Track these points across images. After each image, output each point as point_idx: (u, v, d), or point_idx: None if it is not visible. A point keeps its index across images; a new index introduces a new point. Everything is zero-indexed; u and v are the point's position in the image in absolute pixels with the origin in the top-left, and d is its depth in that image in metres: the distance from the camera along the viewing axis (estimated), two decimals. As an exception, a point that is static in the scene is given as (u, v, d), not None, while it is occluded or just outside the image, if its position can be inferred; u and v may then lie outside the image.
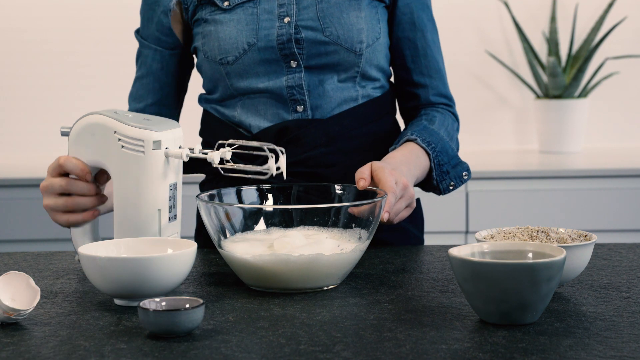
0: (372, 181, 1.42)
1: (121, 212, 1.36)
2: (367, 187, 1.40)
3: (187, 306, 1.10)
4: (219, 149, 1.39)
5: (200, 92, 1.73)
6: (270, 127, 1.62)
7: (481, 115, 3.26)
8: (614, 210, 2.73)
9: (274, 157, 1.38)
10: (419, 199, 1.74)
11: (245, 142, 1.40)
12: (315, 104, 1.63)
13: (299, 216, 1.36)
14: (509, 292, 1.08)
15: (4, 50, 3.19)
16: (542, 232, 1.30)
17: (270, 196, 1.45)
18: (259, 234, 1.35)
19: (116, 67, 3.18)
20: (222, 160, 1.49)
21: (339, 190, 1.45)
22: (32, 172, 2.77)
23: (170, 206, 1.37)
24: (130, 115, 1.37)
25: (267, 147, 1.38)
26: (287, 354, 1.02)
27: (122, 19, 3.11)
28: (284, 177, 1.39)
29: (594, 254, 1.48)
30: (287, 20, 1.61)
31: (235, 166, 1.41)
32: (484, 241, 1.25)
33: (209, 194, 1.39)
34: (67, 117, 2.91)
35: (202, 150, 1.38)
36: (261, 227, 1.36)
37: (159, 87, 1.70)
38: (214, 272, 1.42)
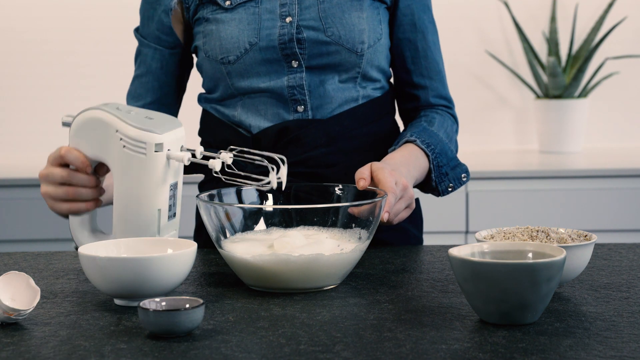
0: (372, 181, 1.42)
1: (121, 209, 1.36)
2: (367, 187, 1.40)
3: (187, 306, 1.10)
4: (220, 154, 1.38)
5: (199, 92, 1.73)
6: (270, 127, 1.62)
7: (481, 115, 3.26)
8: (614, 210, 2.73)
9: (275, 169, 1.38)
10: (418, 199, 1.74)
11: (247, 151, 1.40)
12: (315, 104, 1.63)
13: (299, 216, 1.36)
14: (509, 292, 1.08)
15: (4, 50, 3.19)
16: (542, 232, 1.30)
17: (270, 196, 1.45)
18: (259, 234, 1.35)
19: (116, 67, 3.18)
20: (223, 166, 1.48)
21: (339, 190, 1.45)
22: (32, 172, 2.77)
23: (170, 205, 1.37)
24: (133, 112, 1.36)
25: (269, 157, 1.37)
26: (287, 354, 1.02)
27: (122, 19, 3.11)
28: (283, 187, 1.39)
29: (594, 254, 1.48)
30: (288, 20, 1.61)
31: (235, 178, 1.40)
32: (484, 241, 1.25)
33: (208, 194, 1.38)
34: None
35: (204, 152, 1.38)
36: (261, 227, 1.36)
37: (158, 87, 1.70)
38: (214, 272, 1.42)
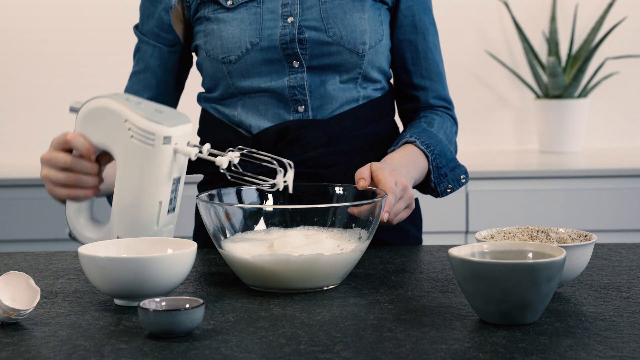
0: (372, 181, 1.42)
1: (121, 199, 1.34)
2: (367, 187, 1.40)
3: (187, 306, 1.10)
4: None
5: (198, 92, 1.72)
6: (270, 127, 1.62)
7: (481, 115, 3.26)
8: (614, 210, 2.73)
9: (282, 171, 1.37)
10: (417, 199, 1.74)
11: (256, 152, 1.39)
12: (316, 104, 1.62)
13: (299, 216, 1.36)
14: (509, 292, 1.08)
15: (4, 50, 3.19)
16: (542, 232, 1.30)
17: (270, 196, 1.45)
18: (259, 234, 1.35)
19: (116, 67, 3.17)
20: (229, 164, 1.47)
21: (339, 190, 1.45)
22: (32, 172, 2.77)
23: (171, 199, 1.36)
24: (142, 104, 1.34)
25: (277, 160, 1.37)
26: (287, 354, 1.02)
27: (122, 19, 3.11)
28: (290, 190, 1.38)
29: (594, 254, 1.48)
30: (290, 20, 1.60)
31: (242, 176, 1.40)
32: (484, 241, 1.25)
33: (208, 194, 1.38)
34: (68, 117, 2.91)
35: (211, 150, 1.37)
36: (261, 227, 1.36)
37: (156, 84, 1.69)
38: (214, 272, 1.42)
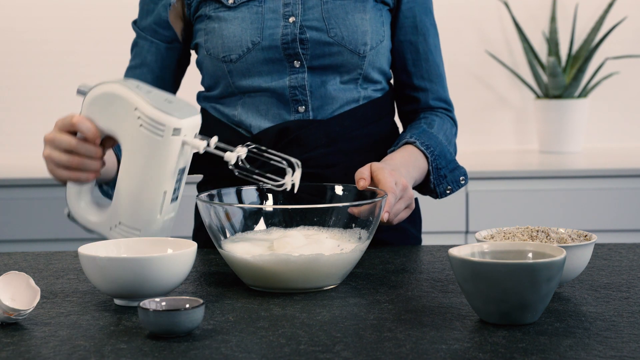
0: (372, 181, 1.43)
1: (125, 186, 1.33)
2: (367, 187, 1.40)
3: (187, 306, 1.10)
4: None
5: (198, 90, 1.72)
6: (270, 127, 1.62)
7: (481, 115, 3.26)
8: (614, 210, 2.73)
9: (291, 171, 1.37)
10: (417, 199, 1.74)
11: (265, 150, 1.39)
12: (317, 104, 1.62)
13: (299, 216, 1.36)
14: (509, 292, 1.08)
15: (4, 50, 3.19)
16: (542, 232, 1.30)
17: (270, 196, 1.45)
18: (259, 234, 1.35)
19: (116, 67, 3.16)
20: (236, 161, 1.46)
21: (339, 190, 1.45)
22: (32, 172, 2.77)
23: (175, 188, 1.35)
24: (152, 92, 1.33)
25: (284, 158, 1.36)
26: (287, 354, 1.02)
27: (122, 19, 3.11)
28: (295, 190, 1.38)
29: (594, 254, 1.48)
30: (292, 20, 1.60)
31: (250, 173, 1.39)
32: (484, 241, 1.25)
33: (208, 194, 1.38)
34: (67, 117, 2.91)
35: (219, 144, 1.35)
36: (261, 227, 1.36)
37: (152, 80, 1.69)
38: (214, 272, 1.42)
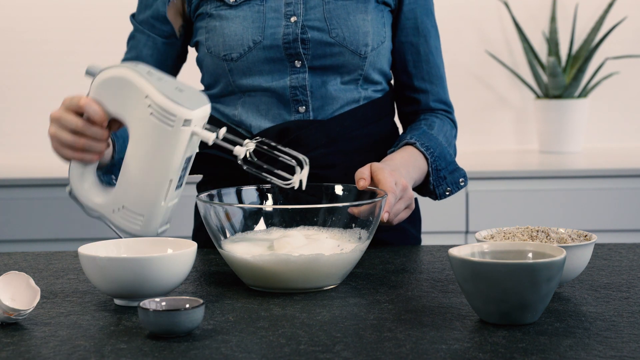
0: (372, 181, 1.42)
1: (130, 171, 1.32)
2: (367, 187, 1.40)
3: (187, 306, 1.10)
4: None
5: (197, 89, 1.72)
6: (271, 127, 1.62)
7: (481, 115, 3.26)
8: (614, 210, 2.72)
9: (299, 169, 1.37)
10: (416, 199, 1.74)
11: (274, 146, 1.38)
12: (317, 105, 1.62)
13: (299, 216, 1.36)
14: (509, 292, 1.08)
15: (4, 50, 3.19)
16: (542, 232, 1.30)
17: (270, 196, 1.45)
18: (259, 234, 1.35)
19: (116, 67, 3.17)
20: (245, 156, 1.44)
21: (339, 190, 1.45)
22: (32, 172, 2.77)
23: (181, 176, 1.34)
24: (163, 80, 1.31)
25: (295, 157, 1.36)
26: (287, 354, 1.02)
27: (122, 19, 3.10)
28: (303, 188, 1.38)
29: (594, 254, 1.48)
30: (293, 19, 1.60)
31: (258, 169, 1.39)
32: (484, 241, 1.25)
33: (208, 194, 1.38)
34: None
35: (226, 135, 1.34)
36: (261, 227, 1.36)
37: None
38: (214, 272, 1.42)
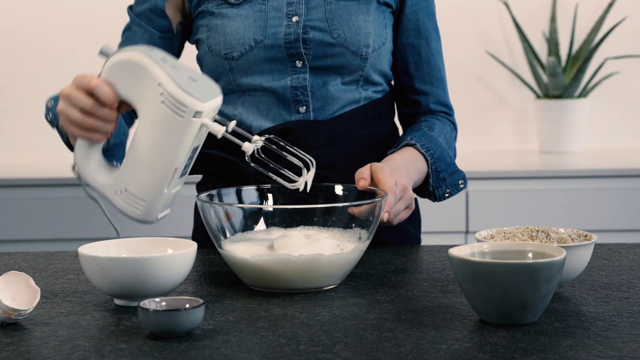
0: (372, 182, 1.43)
1: (136, 156, 1.30)
2: (367, 188, 1.40)
3: (187, 306, 1.10)
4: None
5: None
6: (271, 127, 1.62)
7: (481, 115, 3.26)
8: (614, 210, 2.72)
9: (306, 171, 1.37)
10: (416, 200, 1.74)
11: (283, 145, 1.38)
12: (317, 105, 1.62)
13: (299, 216, 1.36)
14: (509, 292, 1.08)
15: (4, 50, 3.19)
16: (542, 232, 1.30)
17: (270, 196, 1.45)
18: (259, 234, 1.35)
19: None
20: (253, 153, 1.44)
21: (339, 190, 1.45)
22: (32, 172, 2.77)
23: (186, 165, 1.33)
24: (177, 68, 1.29)
25: (297, 156, 1.36)
26: (287, 354, 1.02)
27: (122, 19, 3.10)
28: (308, 189, 1.38)
29: (594, 254, 1.48)
30: (295, 19, 1.60)
31: (265, 167, 1.38)
32: (484, 241, 1.25)
33: (208, 194, 1.38)
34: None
35: (235, 128, 1.33)
36: (261, 227, 1.36)
37: None
38: (214, 272, 1.42)
